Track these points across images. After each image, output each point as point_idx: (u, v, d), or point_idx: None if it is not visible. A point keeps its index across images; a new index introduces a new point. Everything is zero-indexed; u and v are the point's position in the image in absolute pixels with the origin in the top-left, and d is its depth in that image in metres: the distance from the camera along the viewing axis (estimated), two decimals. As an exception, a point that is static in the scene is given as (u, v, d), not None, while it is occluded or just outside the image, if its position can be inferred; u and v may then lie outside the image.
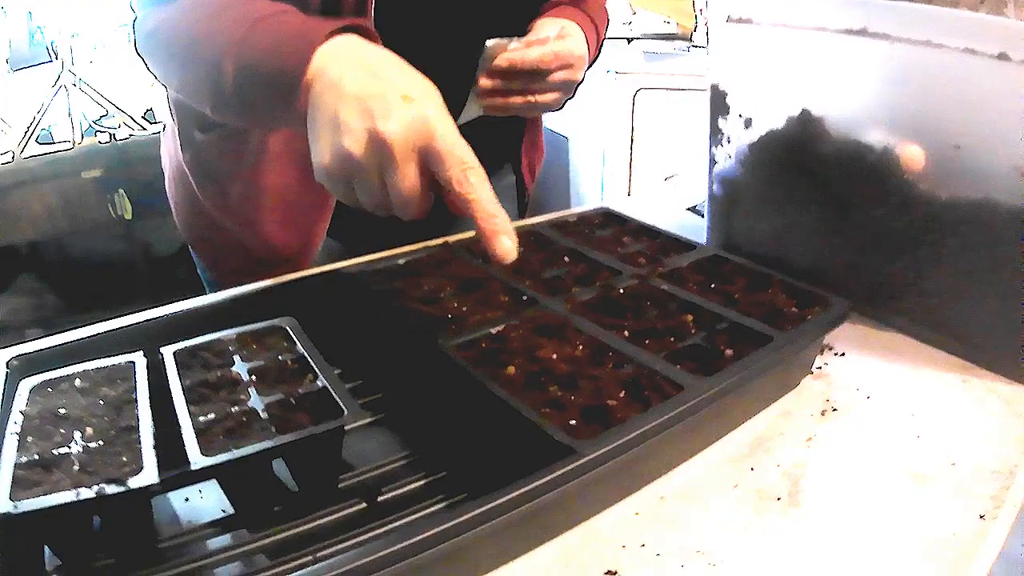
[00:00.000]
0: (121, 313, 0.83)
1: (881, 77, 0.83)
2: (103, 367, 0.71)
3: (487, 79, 0.91)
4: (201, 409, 0.67)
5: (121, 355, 0.72)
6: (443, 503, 0.64)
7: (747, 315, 0.75)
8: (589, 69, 1.03)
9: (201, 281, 1.21)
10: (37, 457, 0.59)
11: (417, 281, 0.83)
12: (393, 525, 0.62)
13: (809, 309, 0.78)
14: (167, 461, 0.59)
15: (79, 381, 0.69)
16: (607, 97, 1.77)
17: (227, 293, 0.88)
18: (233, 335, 0.78)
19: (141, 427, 0.63)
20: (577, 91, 1.01)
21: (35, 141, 2.72)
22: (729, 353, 0.70)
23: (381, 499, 0.65)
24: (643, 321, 0.74)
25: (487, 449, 0.66)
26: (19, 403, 0.65)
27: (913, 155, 0.83)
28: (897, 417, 0.77)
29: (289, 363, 0.74)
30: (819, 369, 0.85)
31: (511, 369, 0.65)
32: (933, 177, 0.81)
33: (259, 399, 0.68)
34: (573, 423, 0.58)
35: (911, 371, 0.85)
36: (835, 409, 0.79)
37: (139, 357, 0.73)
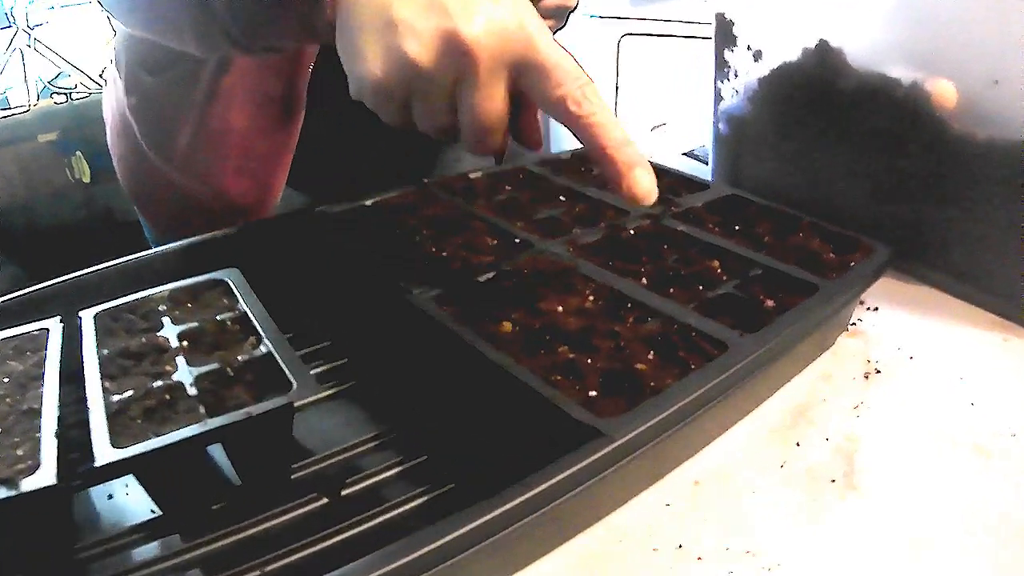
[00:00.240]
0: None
1: (909, 3, 0.69)
2: (11, 337, 0.55)
3: None
4: (118, 385, 0.51)
5: (36, 322, 0.56)
6: (424, 496, 0.48)
7: (782, 261, 0.60)
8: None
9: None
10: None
11: (387, 225, 0.66)
12: (362, 527, 0.46)
13: (849, 255, 0.63)
14: (76, 453, 0.44)
15: (-19, 355, 0.53)
16: (589, 44, 1.60)
17: (168, 247, 0.70)
18: (165, 292, 0.61)
19: (44, 411, 0.47)
20: (569, 20, 0.85)
21: (-10, 107, 2.48)
22: (770, 304, 0.54)
23: (346, 493, 0.49)
24: (662, 266, 0.58)
25: (479, 429, 0.50)
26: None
27: (945, 91, 0.70)
28: (946, 381, 0.64)
29: (229, 324, 0.57)
30: (853, 326, 0.70)
31: (507, 325, 0.49)
32: (968, 116, 0.68)
33: (188, 370, 0.51)
34: (593, 395, 0.42)
35: (949, 329, 0.71)
36: (879, 371, 0.65)
37: (55, 324, 0.56)
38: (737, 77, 0.89)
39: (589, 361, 0.45)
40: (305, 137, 0.84)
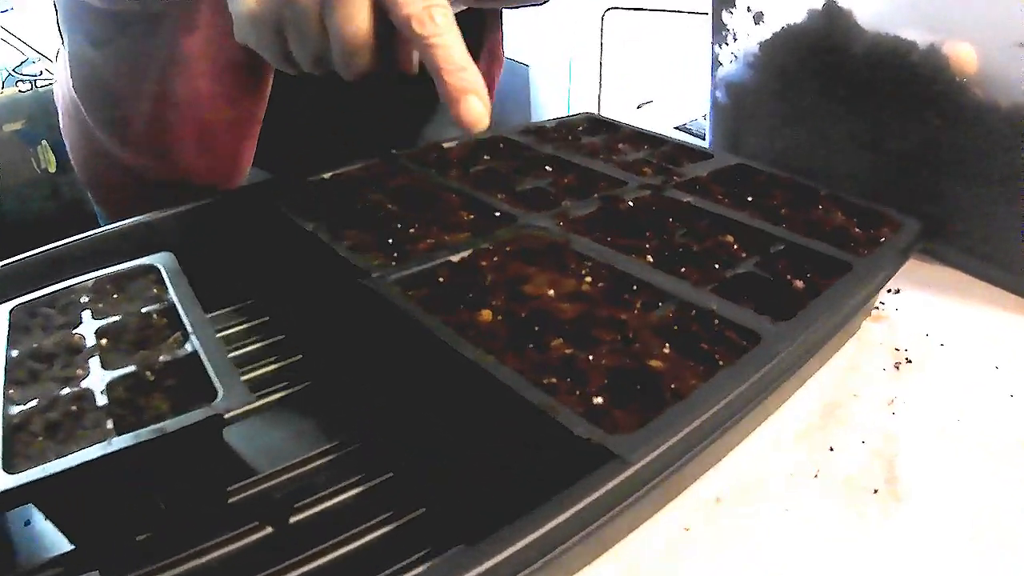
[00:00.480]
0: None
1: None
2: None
3: None
4: (24, 393, 0.41)
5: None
6: (390, 524, 0.38)
7: (805, 235, 0.50)
8: None
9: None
10: None
11: (347, 200, 0.55)
12: (315, 563, 0.36)
13: (877, 229, 0.53)
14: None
15: None
16: (572, 18, 1.49)
17: (105, 229, 0.59)
18: (89, 282, 0.50)
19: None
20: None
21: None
22: (799, 285, 0.44)
23: (294, 520, 0.39)
24: (669, 241, 0.47)
25: (455, 441, 0.39)
26: None
27: (964, 55, 0.62)
28: (981, 371, 0.55)
29: (155, 318, 0.46)
30: (876, 309, 0.60)
31: (486, 314, 0.38)
32: (990, 81, 0.61)
33: (100, 375, 0.41)
34: (598, 402, 0.32)
35: (976, 313, 0.62)
36: (909, 360, 0.55)
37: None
38: (736, 41, 0.79)
39: (590, 358, 0.35)
40: (275, 116, 0.73)
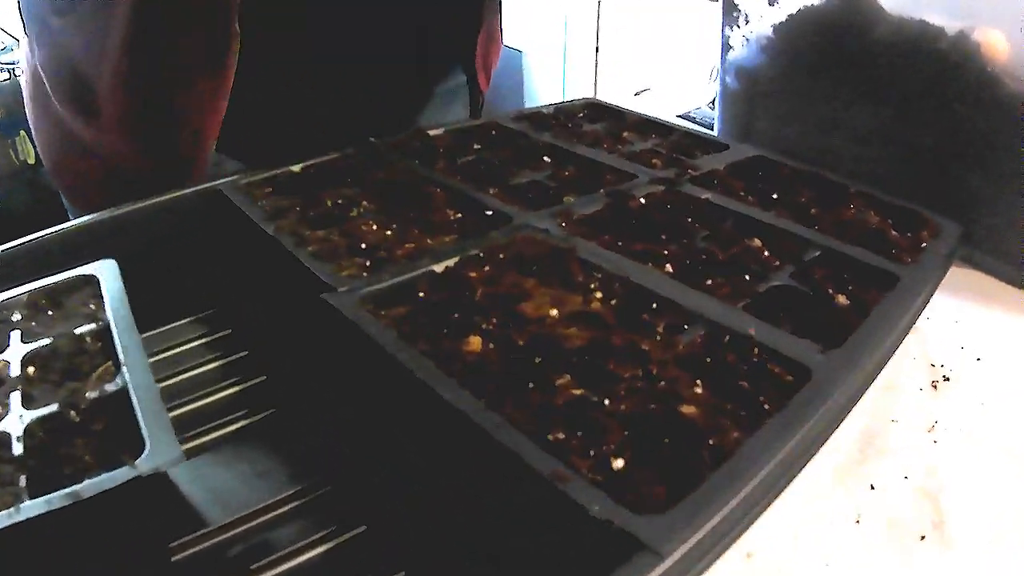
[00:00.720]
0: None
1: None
2: None
3: None
4: None
5: None
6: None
7: (841, 240, 0.42)
8: None
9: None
10: None
11: (318, 194, 0.47)
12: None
13: (915, 232, 0.46)
14: None
15: None
16: (568, 4, 1.40)
17: (52, 231, 0.51)
18: (24, 296, 0.43)
19: None
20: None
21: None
22: (843, 301, 0.36)
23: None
24: (691, 247, 0.40)
25: (437, 496, 0.32)
26: None
27: (995, 42, 0.56)
28: (1022, 388, 0.47)
29: (88, 341, 0.39)
30: (910, 319, 0.53)
31: (474, 342, 0.30)
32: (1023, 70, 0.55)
33: (19, 415, 0.33)
34: (618, 465, 0.24)
35: (1012, 323, 0.56)
36: (947, 378, 0.48)
37: None
38: (748, 24, 0.72)
39: (606, 403, 0.27)
40: (250, 100, 0.65)
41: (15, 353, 0.37)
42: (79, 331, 0.39)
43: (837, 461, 0.40)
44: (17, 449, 0.32)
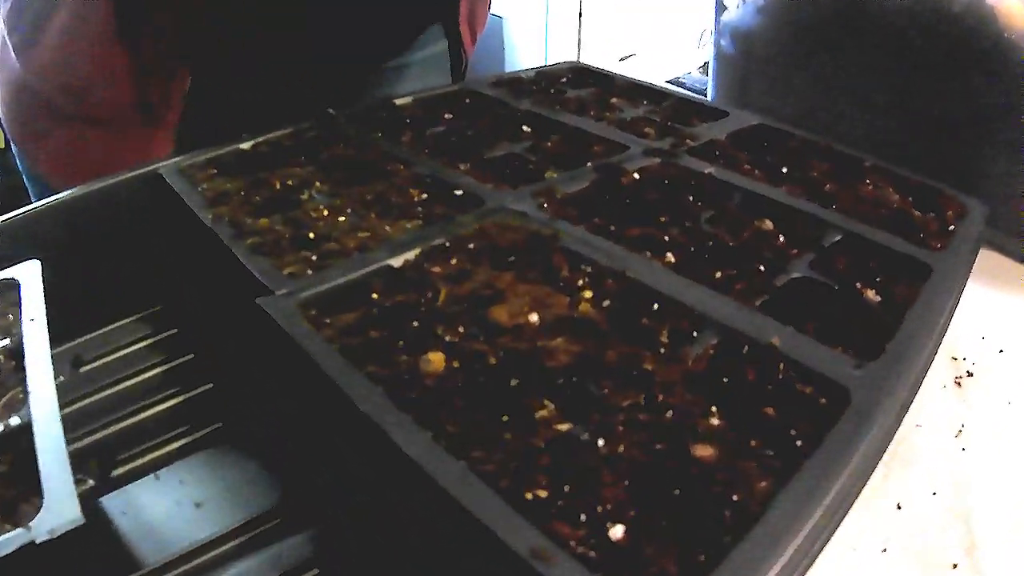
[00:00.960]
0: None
1: None
2: None
3: None
4: None
5: None
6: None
7: (863, 221, 0.36)
8: None
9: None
10: None
11: (266, 175, 0.40)
12: None
13: (939, 213, 0.40)
14: None
15: None
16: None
17: None
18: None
19: None
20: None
21: None
22: (872, 297, 0.30)
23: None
24: (694, 230, 0.33)
25: (398, 546, 0.25)
26: None
27: (1013, 8, 0.51)
28: None
29: (1, 360, 0.32)
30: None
31: (436, 359, 0.24)
32: None
33: None
34: (618, 536, 0.18)
35: None
36: (970, 374, 0.43)
37: None
38: (745, -19, 0.65)
39: (601, 443, 0.21)
40: (208, 74, 0.57)
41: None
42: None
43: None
44: None
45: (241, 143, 0.44)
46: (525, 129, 0.45)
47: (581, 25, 1.28)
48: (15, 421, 0.28)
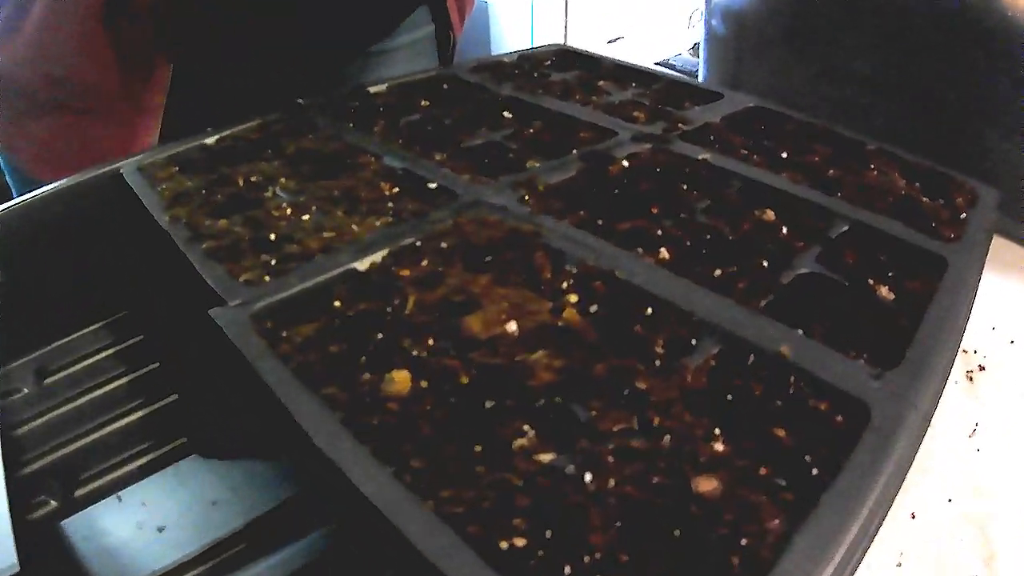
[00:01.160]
0: None
1: None
2: None
3: None
4: None
5: None
6: None
7: (871, 210, 0.33)
8: None
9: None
10: None
11: (229, 172, 0.37)
12: None
13: (948, 199, 0.37)
14: None
15: None
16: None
17: None
18: None
19: None
20: None
21: None
22: (886, 295, 0.27)
23: None
24: (689, 223, 0.30)
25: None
26: None
27: None
28: None
29: None
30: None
31: (400, 379, 0.21)
32: None
33: None
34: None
35: None
36: (982, 367, 0.40)
37: None
38: (736, -44, 0.62)
39: (588, 478, 0.18)
40: (192, 70, 0.53)
41: None
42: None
43: (870, 484, 0.32)
44: None
45: (205, 138, 0.41)
46: (506, 115, 0.41)
47: (568, 8, 1.24)
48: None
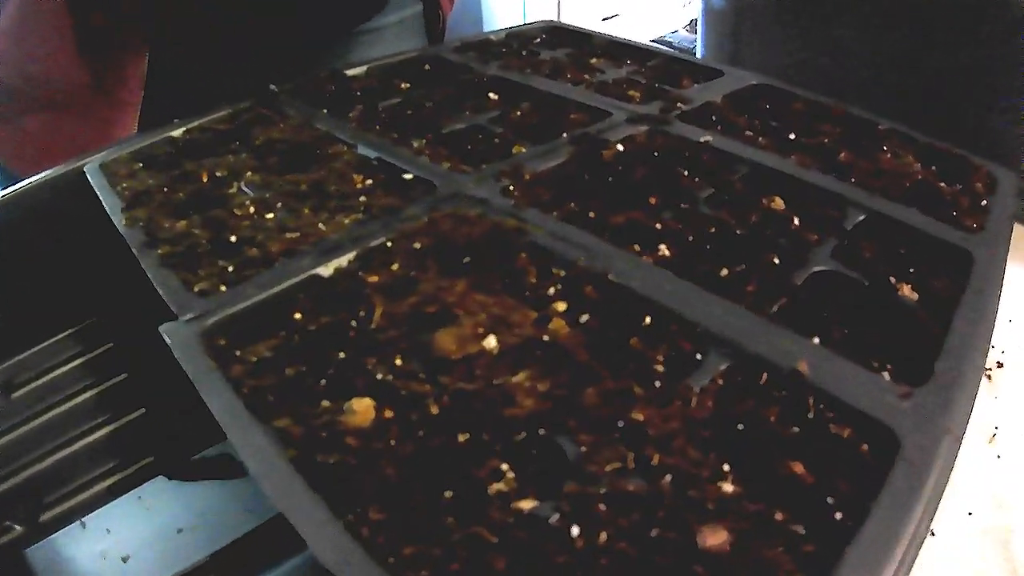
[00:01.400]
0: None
1: None
2: None
3: None
4: None
5: None
6: None
7: (887, 196, 0.30)
8: None
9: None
10: None
11: (192, 167, 0.33)
12: None
13: (967, 183, 0.34)
14: None
15: None
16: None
17: None
18: None
19: None
20: None
21: None
22: (909, 295, 0.25)
23: None
24: (691, 214, 0.27)
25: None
26: None
27: None
28: None
29: None
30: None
31: (361, 408, 0.18)
32: None
33: None
34: None
35: None
36: (1000, 364, 0.38)
37: None
38: (735, -76, 0.59)
39: (576, 531, 0.15)
40: (171, 60, 0.50)
41: None
42: None
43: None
44: None
45: (172, 130, 0.38)
46: (491, 97, 0.38)
47: (562, -16, 1.20)
48: None
